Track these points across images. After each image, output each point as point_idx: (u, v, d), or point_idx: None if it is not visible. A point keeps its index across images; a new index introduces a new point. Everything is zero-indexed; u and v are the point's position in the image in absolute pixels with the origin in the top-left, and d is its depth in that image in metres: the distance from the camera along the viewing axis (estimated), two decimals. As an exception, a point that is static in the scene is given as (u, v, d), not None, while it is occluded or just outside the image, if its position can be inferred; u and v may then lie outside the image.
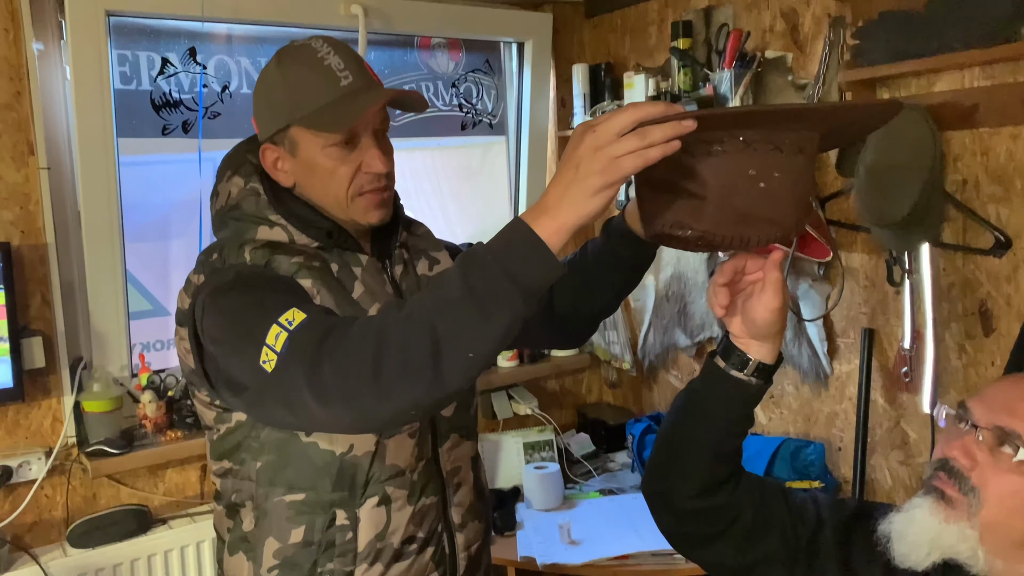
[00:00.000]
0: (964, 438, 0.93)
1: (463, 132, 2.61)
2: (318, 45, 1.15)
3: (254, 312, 1.01)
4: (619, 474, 2.41)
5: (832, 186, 2.00)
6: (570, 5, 2.63)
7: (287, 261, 1.12)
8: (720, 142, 0.86)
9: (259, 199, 1.18)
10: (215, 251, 1.16)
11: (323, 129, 1.12)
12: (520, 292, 0.85)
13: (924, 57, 1.68)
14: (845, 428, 2.06)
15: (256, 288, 1.08)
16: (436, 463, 1.24)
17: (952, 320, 1.79)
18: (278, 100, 1.15)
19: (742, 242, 0.91)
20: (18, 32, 1.79)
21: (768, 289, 0.95)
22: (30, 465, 1.85)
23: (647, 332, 2.57)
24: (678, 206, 0.91)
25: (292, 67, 1.14)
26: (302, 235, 1.16)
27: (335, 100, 1.11)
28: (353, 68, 1.14)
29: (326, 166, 1.15)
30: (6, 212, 1.82)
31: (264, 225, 1.16)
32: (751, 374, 0.99)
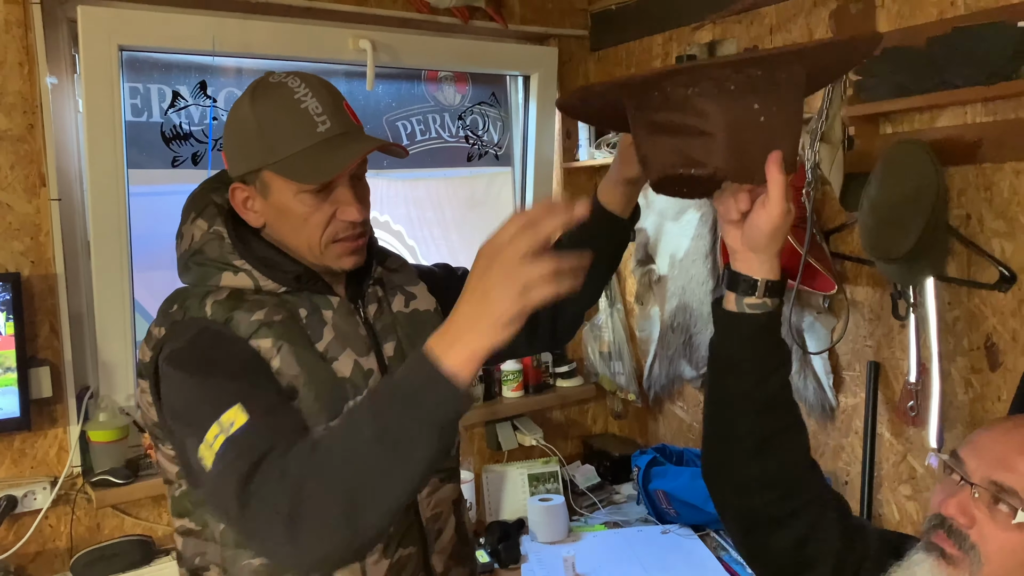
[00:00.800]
0: (959, 494, 0.92)
1: (469, 163, 2.64)
2: (295, 84, 1.09)
3: (201, 400, 1.00)
4: (624, 507, 2.39)
5: (836, 219, 2.01)
6: (575, 39, 2.67)
7: (247, 319, 1.08)
8: (729, 78, 0.88)
9: (223, 243, 1.13)
10: (176, 302, 1.13)
11: (297, 180, 1.07)
12: (434, 430, 0.85)
13: (926, 93, 1.69)
14: (851, 461, 2.05)
15: (208, 364, 1.04)
16: (415, 511, 1.19)
17: (958, 354, 1.79)
18: (250, 141, 1.10)
19: (749, 176, 0.93)
20: (33, 66, 1.82)
21: (772, 192, 0.93)
22: (35, 495, 1.85)
23: (652, 363, 2.57)
24: (687, 145, 0.91)
25: (267, 107, 1.09)
26: (268, 280, 1.12)
27: (311, 148, 1.07)
28: (331, 112, 1.08)
29: (299, 212, 1.10)
30: (17, 243, 1.84)
31: (228, 271, 1.12)
32: (763, 294, 0.97)
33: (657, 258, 2.53)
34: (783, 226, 0.95)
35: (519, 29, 2.52)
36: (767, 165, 0.91)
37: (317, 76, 1.13)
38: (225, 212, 1.16)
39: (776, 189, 0.92)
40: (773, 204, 0.93)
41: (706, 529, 2.18)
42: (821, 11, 1.99)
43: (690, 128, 0.90)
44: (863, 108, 1.81)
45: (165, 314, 1.13)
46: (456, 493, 1.29)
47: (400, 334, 1.23)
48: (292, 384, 1.08)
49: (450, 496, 1.26)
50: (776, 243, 0.96)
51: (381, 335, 1.21)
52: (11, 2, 1.79)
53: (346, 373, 1.13)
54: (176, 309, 1.11)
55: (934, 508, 0.95)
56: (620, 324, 2.67)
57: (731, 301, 1.00)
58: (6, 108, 1.80)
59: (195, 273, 1.14)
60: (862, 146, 1.87)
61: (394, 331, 1.23)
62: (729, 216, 0.98)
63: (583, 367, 2.77)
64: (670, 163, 0.93)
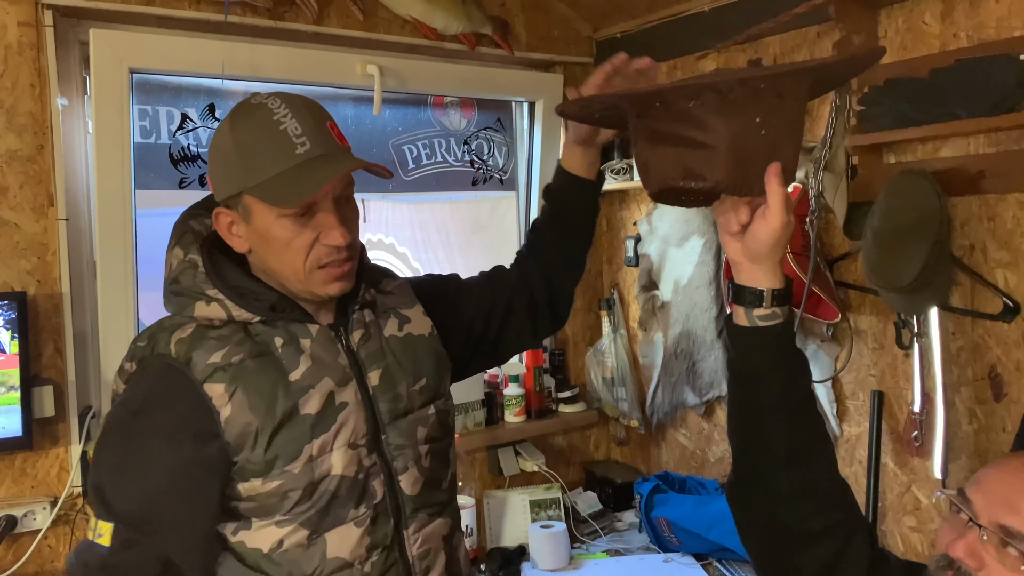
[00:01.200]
0: (968, 536, 0.91)
1: (474, 187, 2.65)
2: (275, 105, 1.07)
3: (99, 486, 1.06)
4: (627, 534, 2.38)
5: (840, 248, 2.01)
6: (580, 66, 2.69)
7: (203, 361, 1.06)
8: (733, 91, 0.88)
9: (196, 272, 1.12)
10: (146, 337, 1.12)
11: (274, 203, 1.05)
12: None
13: (930, 124, 1.70)
14: (855, 492, 2.03)
15: (123, 447, 1.07)
16: (399, 548, 1.16)
17: (962, 384, 1.78)
18: (230, 164, 1.08)
19: (749, 188, 0.93)
20: (44, 87, 1.84)
21: (772, 203, 0.93)
22: (35, 515, 1.84)
23: (655, 390, 2.57)
24: (687, 157, 0.91)
25: (245, 129, 1.07)
26: (241, 310, 1.10)
27: (289, 170, 1.04)
28: (311, 132, 1.06)
29: (280, 237, 1.08)
30: (24, 262, 1.84)
31: (201, 300, 1.10)
32: (771, 303, 0.96)
33: (661, 284, 2.53)
34: (783, 237, 0.95)
35: (525, 56, 2.55)
36: (767, 176, 0.92)
37: (302, 97, 1.11)
38: (203, 239, 1.15)
39: (776, 200, 0.92)
40: (773, 215, 0.93)
41: (709, 558, 2.16)
42: (825, 41, 2.01)
43: (692, 140, 0.90)
44: (867, 138, 1.82)
45: (133, 351, 1.12)
46: (447, 528, 1.25)
47: (390, 360, 1.20)
48: (243, 433, 1.06)
49: (440, 531, 1.22)
50: (777, 253, 0.96)
51: (366, 362, 1.18)
52: (25, 24, 1.81)
53: (312, 410, 1.10)
54: (144, 345, 1.10)
55: (942, 548, 0.94)
56: (623, 350, 2.67)
57: (741, 315, 0.99)
58: (17, 128, 1.82)
59: (173, 303, 1.14)
60: (865, 175, 1.88)
61: (383, 357, 1.19)
62: (729, 228, 0.98)
63: (586, 393, 2.77)
64: (671, 174, 0.93)
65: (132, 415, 1.08)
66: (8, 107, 1.81)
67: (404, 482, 1.17)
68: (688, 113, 0.89)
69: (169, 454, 1.06)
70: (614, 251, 2.76)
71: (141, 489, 1.05)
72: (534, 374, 2.60)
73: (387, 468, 1.16)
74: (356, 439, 1.13)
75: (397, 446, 1.17)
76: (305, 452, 1.08)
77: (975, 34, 1.71)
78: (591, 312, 2.79)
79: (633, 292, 2.65)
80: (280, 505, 1.08)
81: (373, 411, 1.16)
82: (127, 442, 1.07)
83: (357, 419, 1.13)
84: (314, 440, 1.09)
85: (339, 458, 1.10)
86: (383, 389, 1.17)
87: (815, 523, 0.98)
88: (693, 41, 2.35)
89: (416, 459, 1.19)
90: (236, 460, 1.07)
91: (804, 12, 1.88)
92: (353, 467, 1.11)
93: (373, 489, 1.14)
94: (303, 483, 1.08)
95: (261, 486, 1.07)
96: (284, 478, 1.07)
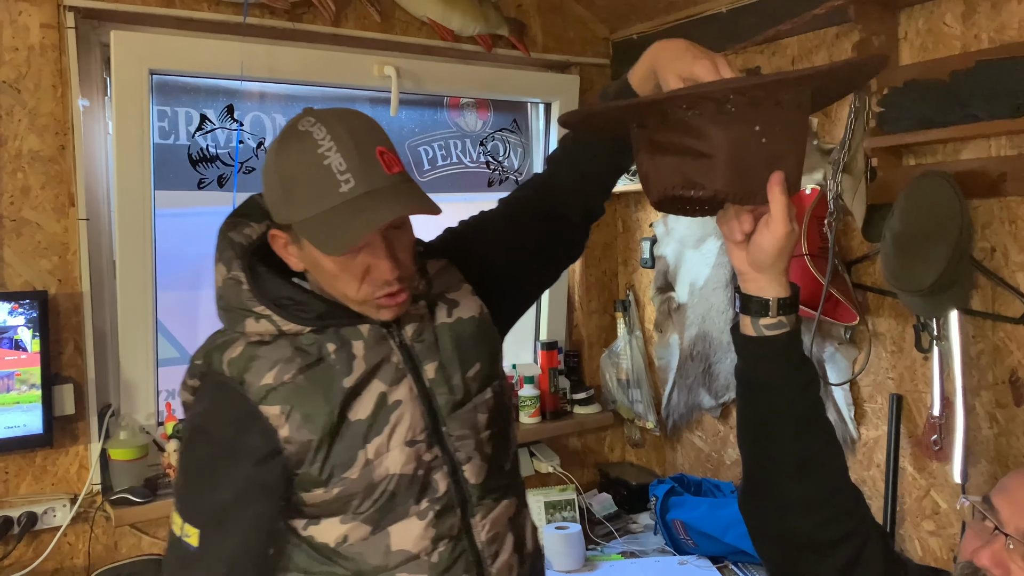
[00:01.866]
0: (993, 544, 0.90)
1: (490, 188, 2.65)
2: (320, 136, 1.02)
3: (178, 491, 1.13)
4: (642, 536, 2.37)
5: (859, 251, 2.00)
6: (596, 67, 2.69)
7: (256, 383, 1.06)
8: (730, 100, 0.88)
9: (241, 289, 1.10)
10: (202, 355, 1.13)
11: (317, 246, 1.03)
12: None
13: (950, 126, 1.69)
14: (873, 496, 2.02)
15: (192, 459, 1.11)
16: (468, 537, 1.15)
17: (982, 388, 1.77)
18: (276, 195, 1.07)
19: (751, 196, 0.92)
20: (66, 89, 1.86)
21: (775, 212, 0.92)
22: (55, 512, 1.86)
23: (671, 391, 2.56)
24: (686, 166, 0.91)
25: (289, 161, 1.03)
26: (290, 324, 1.09)
27: (331, 211, 1.01)
28: (357, 167, 1.01)
29: (330, 270, 1.06)
30: (45, 261, 1.86)
31: (250, 318, 1.10)
32: (776, 312, 0.96)
33: (677, 286, 2.53)
34: (788, 245, 0.94)
35: (541, 57, 2.55)
36: (769, 185, 0.91)
37: (352, 119, 1.05)
38: (243, 250, 1.13)
39: (779, 209, 0.92)
40: (776, 224, 0.92)
41: (724, 561, 2.16)
42: (844, 43, 2.00)
43: (691, 149, 0.90)
44: (886, 140, 1.81)
45: (193, 369, 1.14)
46: (513, 508, 1.23)
47: (444, 351, 1.17)
48: (302, 449, 1.07)
49: (506, 514, 1.20)
50: (782, 262, 0.96)
51: (421, 356, 1.15)
52: (47, 26, 1.83)
53: (363, 415, 1.09)
54: (202, 363, 1.12)
55: (966, 555, 0.93)
56: (639, 352, 2.67)
57: (748, 325, 0.99)
58: (39, 129, 1.84)
59: (224, 319, 1.14)
60: (885, 178, 1.87)
61: (437, 349, 1.17)
62: (733, 237, 0.97)
63: (601, 394, 2.76)
64: (671, 184, 0.93)
65: (195, 430, 1.13)
66: (30, 108, 1.83)
67: (468, 472, 1.15)
68: (686, 123, 0.89)
69: (230, 471, 1.08)
70: (630, 253, 2.75)
71: (209, 501, 1.08)
72: (549, 375, 2.60)
73: (450, 460, 1.15)
74: (414, 435, 1.12)
75: (459, 436, 1.15)
76: (360, 457, 1.08)
77: (997, 36, 1.70)
78: (606, 314, 2.79)
79: (649, 294, 2.64)
80: (343, 508, 1.10)
81: (431, 405, 1.14)
82: (194, 455, 1.12)
83: (413, 415, 1.12)
84: (368, 444, 1.09)
85: (396, 457, 1.10)
86: (439, 382, 1.15)
87: (827, 533, 0.98)
88: (710, 43, 2.30)
89: (478, 447, 1.17)
90: (297, 472, 1.08)
91: (823, 13, 1.87)
92: (412, 464, 1.11)
93: (435, 483, 1.13)
94: (362, 486, 1.09)
95: (323, 495, 1.09)
96: (343, 484, 1.08)
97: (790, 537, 0.99)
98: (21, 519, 1.80)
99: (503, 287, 1.30)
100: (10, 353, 1.77)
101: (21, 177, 1.83)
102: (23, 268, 1.84)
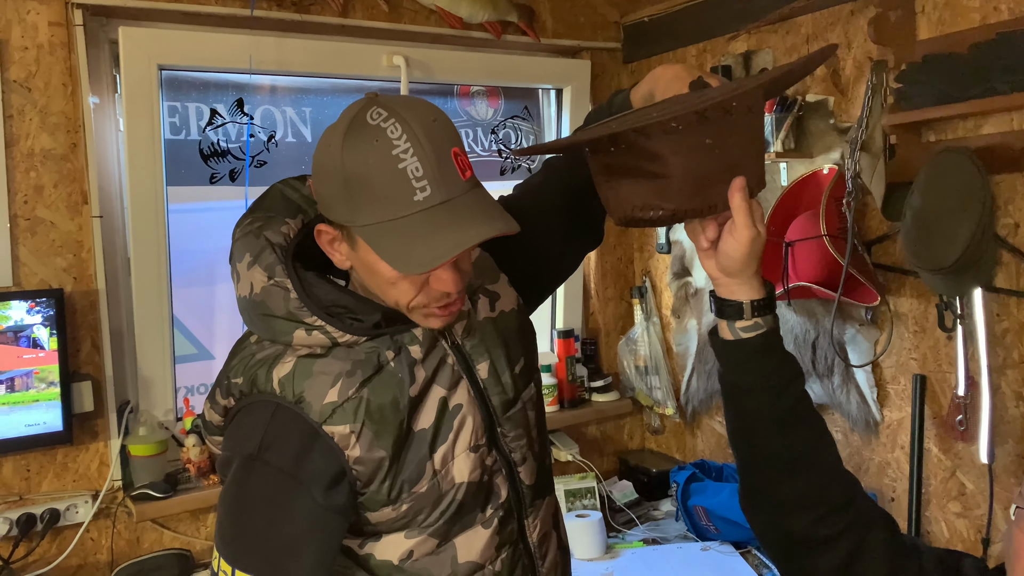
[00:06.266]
0: None
1: (502, 177, 2.64)
2: (395, 135, 0.91)
3: (225, 537, 0.98)
4: (663, 523, 2.36)
5: (878, 230, 1.97)
6: (607, 52, 2.66)
7: (319, 402, 0.98)
8: (676, 120, 0.86)
9: (288, 297, 0.99)
10: (240, 371, 1.02)
11: (384, 259, 0.94)
12: None
13: (970, 100, 1.65)
14: (898, 478, 2.00)
15: (245, 496, 0.99)
16: (523, 540, 1.12)
17: (1008, 367, 1.74)
18: (337, 191, 0.95)
19: (711, 209, 0.92)
20: (76, 87, 1.86)
21: (737, 219, 0.92)
22: (77, 508, 1.87)
23: (690, 377, 2.54)
24: (642, 189, 0.91)
25: (358, 159, 0.91)
26: (345, 334, 1.00)
27: (404, 220, 0.91)
28: (433, 172, 0.91)
29: (387, 276, 0.97)
30: (60, 260, 1.87)
31: (300, 329, 0.99)
32: (752, 315, 0.96)
33: (693, 271, 2.50)
34: (755, 250, 0.94)
35: (551, 43, 2.52)
36: (730, 192, 0.91)
37: (426, 112, 0.94)
38: (284, 251, 1.03)
39: (741, 216, 0.92)
40: (740, 230, 0.92)
41: (747, 546, 2.14)
42: (859, 19, 1.96)
43: (645, 171, 0.89)
44: (904, 116, 1.78)
45: (231, 382, 1.02)
46: (554, 506, 1.20)
47: (492, 348, 1.11)
48: (374, 468, 1.00)
49: (551, 512, 1.18)
50: (751, 266, 0.95)
51: (473, 356, 1.09)
52: (56, 24, 1.83)
53: (427, 424, 1.03)
54: (243, 381, 1.01)
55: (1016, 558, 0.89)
56: (656, 338, 2.65)
57: (725, 329, 0.99)
58: (50, 128, 1.84)
59: (261, 326, 1.03)
60: (904, 155, 1.84)
61: (486, 346, 1.11)
62: (700, 245, 0.98)
63: (619, 382, 2.75)
64: (630, 206, 0.93)
65: (247, 459, 0.99)
66: (41, 107, 1.83)
67: (523, 473, 1.12)
68: (638, 146, 0.88)
69: (297, 503, 0.98)
70: (645, 239, 2.73)
71: (274, 540, 0.97)
72: (566, 364, 2.59)
73: (507, 463, 1.11)
74: (476, 440, 1.06)
75: (514, 437, 1.11)
76: (428, 469, 1.02)
77: (1017, 7, 1.66)
78: (623, 301, 2.77)
79: (665, 280, 2.62)
80: (411, 523, 1.04)
81: (487, 406, 1.09)
82: (249, 489, 0.99)
83: (474, 419, 1.07)
84: (434, 454, 1.02)
85: (462, 464, 1.05)
86: (492, 382, 1.10)
87: (824, 528, 0.97)
88: (723, 23, 2.31)
89: (530, 446, 1.13)
90: (364, 492, 1.01)
91: (838, -11, 1.84)
92: (478, 471, 1.06)
93: (497, 488, 1.09)
94: (431, 499, 1.03)
95: (391, 512, 1.02)
96: (412, 500, 1.02)
97: (788, 534, 1.00)
98: (44, 516, 1.81)
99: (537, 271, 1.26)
100: (28, 351, 1.78)
101: (34, 176, 1.83)
102: (39, 267, 1.84)
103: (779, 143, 2.05)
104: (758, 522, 1.03)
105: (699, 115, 0.87)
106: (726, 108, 0.88)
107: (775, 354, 0.98)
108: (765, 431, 0.98)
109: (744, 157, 0.92)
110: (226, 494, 1.01)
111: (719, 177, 0.90)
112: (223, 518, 1.00)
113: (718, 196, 0.91)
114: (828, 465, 1.00)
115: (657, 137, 0.87)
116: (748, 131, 0.92)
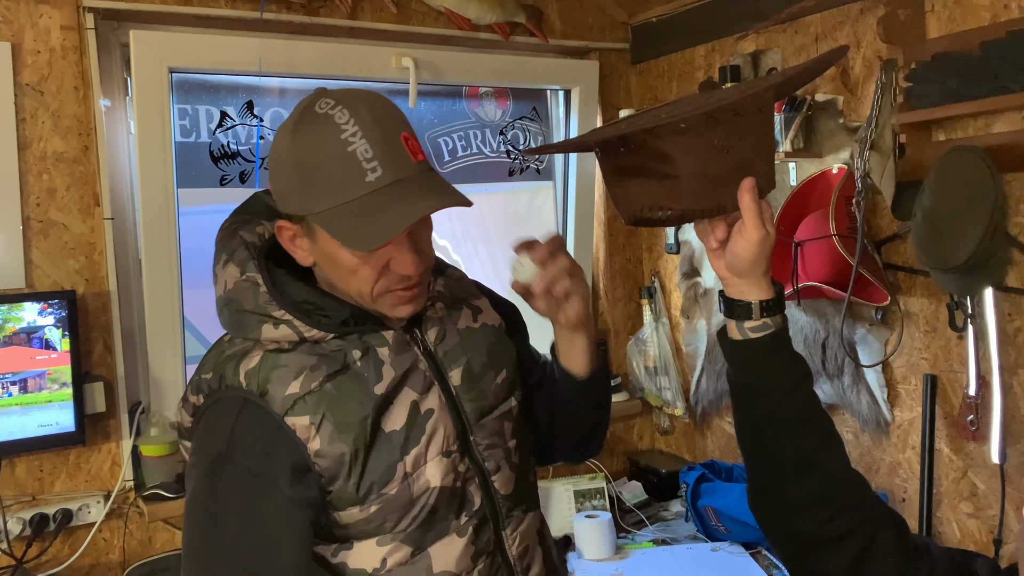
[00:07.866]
0: None
1: (511, 178, 2.64)
2: (343, 120, 0.94)
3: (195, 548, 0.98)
4: (673, 524, 2.35)
5: (888, 229, 1.96)
6: (616, 52, 2.66)
7: (281, 393, 0.98)
8: (684, 120, 0.87)
9: (258, 292, 1.02)
10: (210, 367, 1.03)
11: (342, 241, 0.96)
12: None
13: (981, 99, 1.65)
14: (909, 478, 1.99)
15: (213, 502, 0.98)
16: (501, 551, 1.11)
17: (1020, 367, 1.73)
18: (291, 183, 0.98)
19: (720, 209, 0.92)
20: (87, 90, 1.87)
21: (747, 219, 0.92)
22: (89, 508, 1.88)
23: (700, 378, 2.53)
24: (652, 188, 0.92)
25: (308, 147, 0.95)
26: (312, 330, 1.02)
27: (356, 201, 0.94)
28: (383, 154, 0.94)
29: (347, 264, 0.99)
30: (72, 262, 1.88)
31: (268, 323, 1.01)
32: (760, 315, 0.96)
33: (703, 271, 2.50)
34: (764, 250, 0.94)
35: (560, 44, 2.53)
36: (739, 193, 0.91)
37: (373, 101, 0.98)
38: (257, 250, 1.06)
39: (750, 216, 0.92)
40: (749, 230, 0.92)
41: (757, 547, 2.13)
42: (868, 18, 1.96)
43: (654, 171, 0.90)
44: (914, 115, 1.77)
45: (199, 385, 1.04)
46: (539, 521, 1.20)
47: (470, 356, 1.12)
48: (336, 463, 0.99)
49: (534, 526, 1.17)
50: (760, 266, 0.95)
51: (445, 362, 1.10)
52: (67, 28, 1.84)
53: (397, 425, 1.03)
54: (212, 376, 1.02)
55: None
56: (665, 338, 2.64)
57: (733, 329, 0.99)
58: (62, 131, 1.85)
59: (232, 323, 1.05)
60: (914, 154, 1.83)
61: (462, 354, 1.11)
62: (709, 245, 0.98)
63: (628, 382, 2.74)
64: (639, 206, 0.93)
65: (215, 461, 0.99)
66: (53, 110, 1.84)
67: (498, 482, 1.11)
68: (648, 146, 0.89)
69: (264, 498, 0.97)
70: (654, 239, 2.73)
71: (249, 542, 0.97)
72: (575, 364, 2.59)
73: (480, 471, 1.10)
74: (448, 445, 1.06)
75: (487, 446, 1.11)
76: (399, 470, 1.02)
77: (1028, 4, 1.65)
78: (632, 301, 2.76)
79: (674, 280, 2.62)
80: (381, 527, 1.03)
81: (459, 413, 1.09)
82: (217, 492, 0.99)
83: (446, 424, 1.07)
84: (405, 456, 1.02)
85: (434, 469, 1.04)
86: (466, 388, 1.10)
87: (832, 529, 0.97)
88: (731, 23, 2.31)
89: (507, 456, 1.13)
90: (331, 490, 1.01)
91: (847, -12, 1.83)
92: (450, 476, 1.06)
93: (471, 495, 1.09)
94: (402, 503, 1.03)
95: (359, 513, 1.02)
96: (382, 502, 1.02)
97: (796, 535, 1.00)
98: (56, 516, 1.83)
99: None
100: (41, 352, 1.79)
101: (47, 179, 1.85)
102: (51, 269, 1.86)
103: (788, 143, 2.04)
104: (767, 522, 1.03)
105: (709, 116, 0.87)
106: (736, 109, 0.88)
107: (784, 354, 0.98)
108: (774, 431, 0.98)
109: (754, 158, 0.92)
110: (193, 504, 1.00)
111: (729, 177, 0.91)
112: (192, 531, 0.99)
113: (728, 196, 0.91)
114: (837, 465, 0.99)
115: (667, 137, 0.88)
116: (758, 132, 0.92)
